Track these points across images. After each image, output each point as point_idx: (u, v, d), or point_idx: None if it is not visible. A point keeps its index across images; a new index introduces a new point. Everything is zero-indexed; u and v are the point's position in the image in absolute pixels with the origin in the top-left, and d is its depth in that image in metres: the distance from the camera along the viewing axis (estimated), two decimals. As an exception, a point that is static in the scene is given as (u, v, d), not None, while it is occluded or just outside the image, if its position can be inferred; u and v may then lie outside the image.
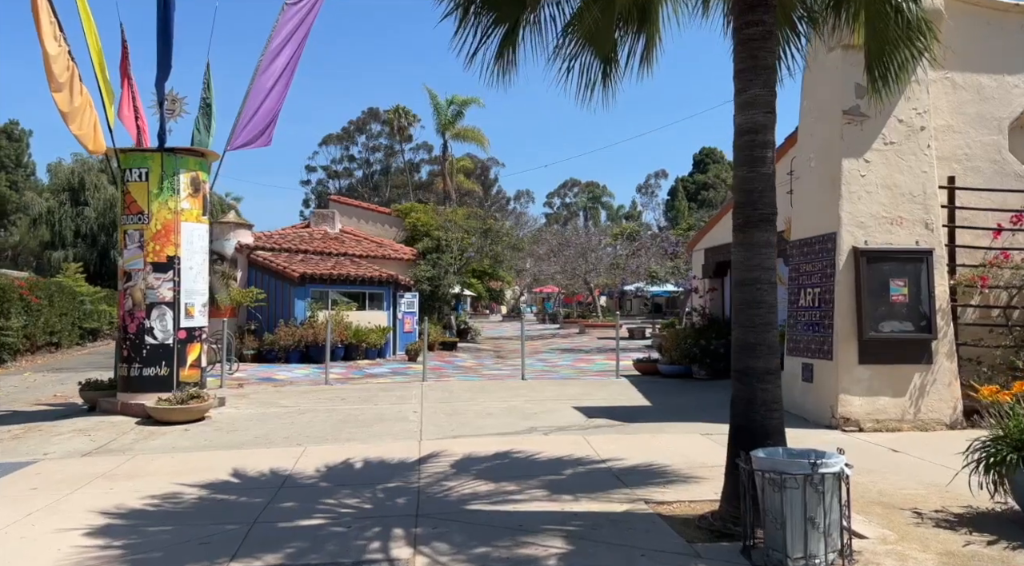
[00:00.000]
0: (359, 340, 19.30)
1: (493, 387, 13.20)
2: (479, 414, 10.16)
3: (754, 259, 5.27)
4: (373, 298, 20.96)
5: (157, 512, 5.77)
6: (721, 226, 14.09)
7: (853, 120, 8.98)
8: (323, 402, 11.44)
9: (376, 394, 12.27)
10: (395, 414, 10.24)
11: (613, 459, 7.31)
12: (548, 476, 6.73)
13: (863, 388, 8.74)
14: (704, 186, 78.16)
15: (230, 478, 6.85)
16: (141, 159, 10.17)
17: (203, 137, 11.21)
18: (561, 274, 35.54)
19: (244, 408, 10.79)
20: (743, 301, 5.29)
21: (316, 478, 6.83)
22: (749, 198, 5.30)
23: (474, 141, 36.69)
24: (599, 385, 13.38)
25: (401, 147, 74.27)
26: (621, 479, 6.58)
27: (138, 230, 10.15)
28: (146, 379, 10.04)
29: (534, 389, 12.77)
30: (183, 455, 7.88)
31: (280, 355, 18.33)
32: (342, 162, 76.99)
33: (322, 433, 8.95)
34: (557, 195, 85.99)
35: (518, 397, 11.78)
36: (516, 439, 8.41)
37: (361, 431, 9.06)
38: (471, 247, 25.90)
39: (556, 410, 10.40)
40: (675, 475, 6.70)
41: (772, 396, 5.20)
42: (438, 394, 12.18)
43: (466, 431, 8.95)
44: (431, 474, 6.88)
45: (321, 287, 19.63)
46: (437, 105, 36.19)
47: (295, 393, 12.58)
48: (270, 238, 21.31)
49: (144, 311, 10.10)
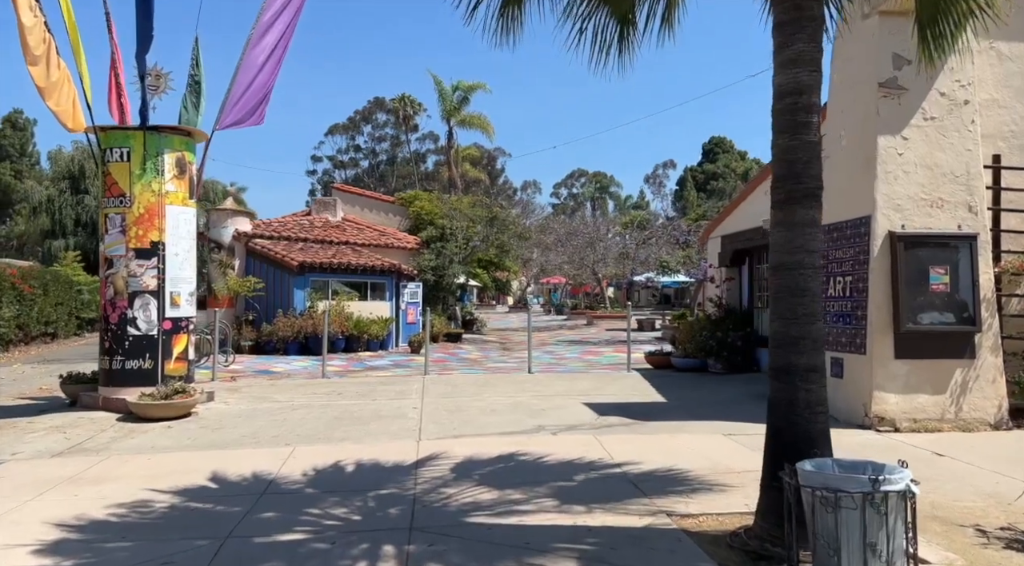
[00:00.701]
0: (360, 331, 18.69)
1: (498, 381, 12.56)
2: (483, 411, 9.52)
3: (797, 240, 4.59)
4: (375, 288, 20.33)
5: (120, 524, 5.15)
6: (740, 212, 13.37)
7: (890, 93, 8.25)
8: (319, 397, 10.82)
9: (375, 388, 11.64)
10: (394, 410, 9.61)
11: (629, 463, 6.66)
12: (558, 482, 6.09)
13: (899, 385, 8.05)
14: (713, 176, 77.25)
15: (208, 483, 6.23)
16: (122, 138, 9.52)
17: (191, 116, 10.56)
18: (569, 264, 34.80)
19: (234, 403, 10.18)
20: (783, 288, 4.62)
21: (302, 483, 6.21)
22: (791, 170, 4.62)
23: (480, 128, 35.92)
24: (610, 379, 12.72)
25: (407, 137, 73.66)
26: (639, 486, 5.93)
27: (119, 214, 9.52)
28: (129, 372, 9.43)
29: (541, 383, 12.12)
30: (161, 456, 7.26)
31: (279, 347, 17.74)
32: (348, 152, 76.50)
33: (314, 431, 8.32)
34: (564, 185, 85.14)
35: (525, 392, 11.14)
36: (522, 439, 7.77)
37: (356, 429, 8.43)
38: (476, 236, 25.22)
39: (565, 407, 9.75)
40: (699, 482, 6.04)
41: (817, 397, 4.53)
42: (440, 389, 11.55)
43: (468, 430, 8.32)
44: (429, 479, 6.24)
45: (321, 276, 19.01)
46: (442, 91, 35.41)
47: (290, 387, 11.97)
48: (269, 226, 20.69)
49: (126, 300, 9.48)
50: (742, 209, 13.25)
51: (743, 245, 13.10)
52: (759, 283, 13.37)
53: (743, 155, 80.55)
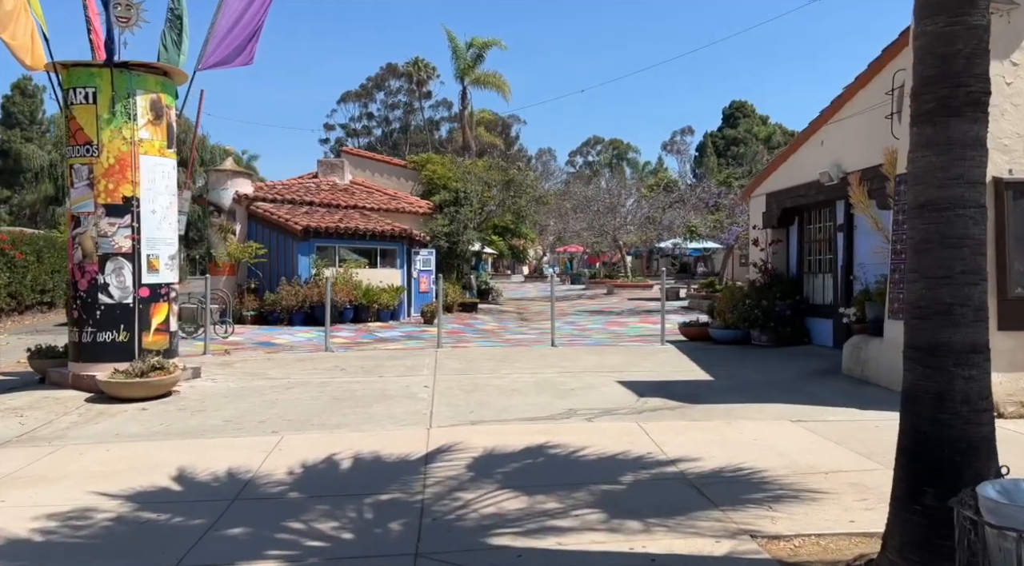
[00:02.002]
0: (370, 301, 17.52)
1: (519, 355, 11.35)
2: (504, 390, 8.31)
3: (953, 167, 3.26)
4: (385, 255, 19.11)
5: (41, 545, 4.01)
6: (789, 166, 11.94)
7: (999, 9, 6.79)
8: (319, 373, 9.66)
9: (382, 363, 10.47)
10: (402, 389, 8.43)
11: (685, 459, 5.43)
12: (601, 485, 4.88)
13: (1004, 362, 6.73)
14: (734, 141, 75.11)
15: (170, 484, 5.08)
16: (87, 76, 8.26)
17: (171, 54, 9.26)
18: (588, 231, 33.33)
19: (223, 380, 9.04)
20: (931, 236, 3.30)
21: (285, 485, 5.04)
22: (946, 67, 3.27)
23: (495, 88, 34.22)
24: (643, 353, 11.47)
25: (420, 104, 72.11)
26: (704, 493, 4.70)
27: (86, 164, 8.30)
28: (101, 346, 8.30)
29: (567, 358, 10.90)
30: (124, 446, 6.12)
31: (282, 317, 16.63)
32: (361, 120, 75.36)
33: (308, 415, 7.16)
34: (579, 153, 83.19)
35: (549, 368, 9.93)
36: (552, 426, 6.55)
37: (357, 413, 7.25)
38: (492, 200, 23.86)
39: (597, 386, 8.53)
40: (779, 487, 4.80)
41: (979, 388, 3.24)
42: (455, 364, 10.35)
43: (488, 414, 7.11)
44: (441, 480, 5.05)
45: (328, 242, 17.81)
46: (456, 47, 33.68)
47: (288, 361, 10.82)
48: (272, 188, 19.46)
49: (96, 264, 8.31)
50: (792, 162, 11.83)
51: (793, 203, 11.70)
52: (809, 246, 11.99)
53: (764, 120, 78.24)
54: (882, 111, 8.86)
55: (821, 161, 10.64)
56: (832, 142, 10.44)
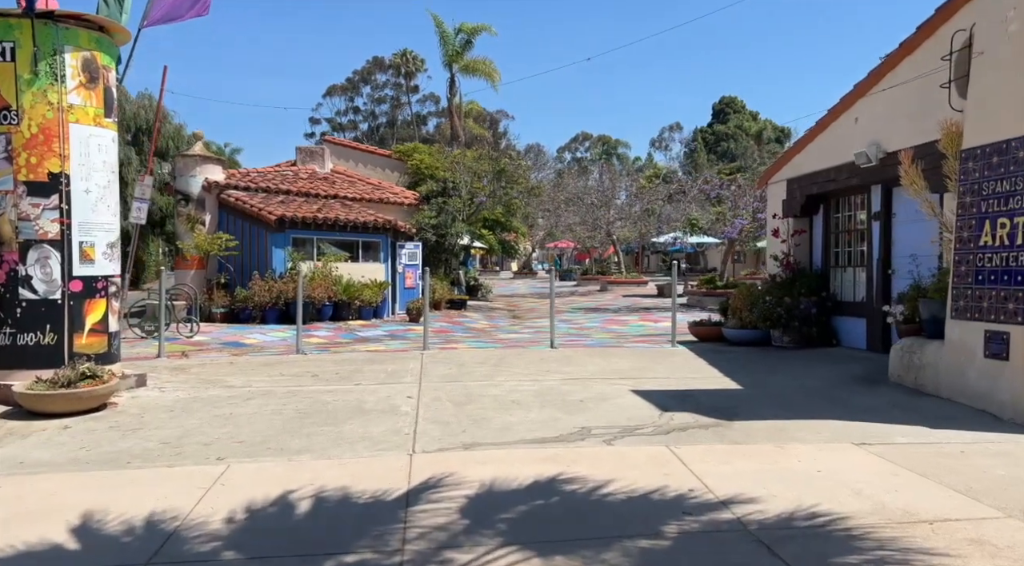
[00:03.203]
0: (351, 297, 16.24)
1: (515, 358, 10.12)
2: (501, 402, 7.08)
3: None
4: (368, 248, 17.82)
5: None
6: (815, 148, 10.78)
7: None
8: (286, 380, 8.40)
9: (361, 368, 9.21)
10: (381, 401, 7.18)
11: (739, 499, 4.24)
12: (638, 541, 3.68)
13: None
14: (724, 137, 74.45)
15: (67, 539, 3.82)
16: (4, 28, 6.92)
17: (112, 10, 7.96)
18: (581, 225, 32.09)
19: (172, 390, 7.76)
20: None
21: (220, 540, 3.79)
22: None
23: (484, 75, 32.81)
24: (654, 356, 10.28)
25: (408, 98, 71.09)
26: (778, 553, 3.51)
27: (4, 134, 6.97)
28: (22, 350, 6.99)
29: (570, 361, 9.69)
30: (22, 481, 4.84)
31: (255, 314, 15.31)
32: (347, 114, 74.41)
33: (266, 435, 5.90)
34: (568, 149, 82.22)
35: (551, 373, 8.72)
36: (564, 451, 5.34)
37: (325, 432, 6.00)
38: (482, 191, 22.60)
39: (610, 396, 7.32)
40: (876, 544, 3.62)
41: None
42: (443, 369, 9.12)
43: (484, 434, 5.89)
44: (426, 532, 3.83)
45: (305, 234, 16.50)
46: (443, 33, 32.25)
47: (253, 366, 9.53)
48: (246, 176, 18.11)
49: (16, 252, 6.99)
50: (818, 144, 10.66)
51: (819, 189, 10.53)
52: (837, 236, 10.84)
53: (755, 115, 77.67)
54: (936, 79, 7.70)
55: (855, 141, 9.48)
56: (869, 118, 9.28)
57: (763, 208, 22.96)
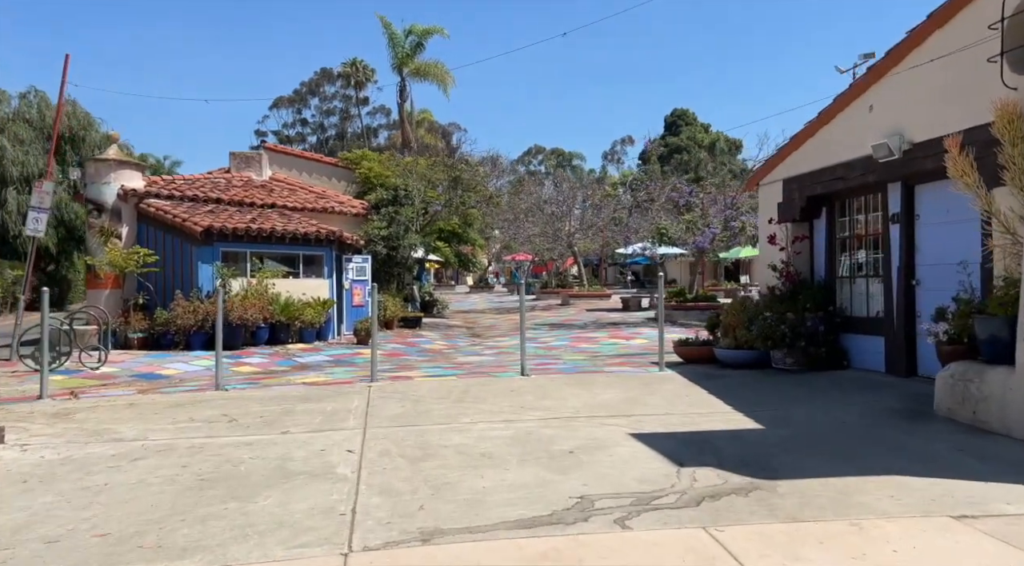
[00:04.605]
0: (290, 317, 14.46)
1: (482, 390, 8.54)
2: (469, 456, 5.50)
3: None
4: (310, 262, 16.04)
5: None
6: (817, 143, 9.53)
7: None
8: (194, 428, 6.66)
9: (292, 408, 7.52)
10: (312, 458, 5.53)
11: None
12: None
13: None
14: (677, 149, 74.57)
15: None
16: None
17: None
18: (541, 236, 30.67)
19: (39, 448, 5.96)
20: None
21: None
22: None
23: (436, 79, 31.16)
24: (641, 384, 8.82)
25: (358, 110, 69.53)
26: None
27: None
28: None
29: (547, 393, 8.16)
30: None
31: (178, 339, 13.41)
32: (294, 126, 72.66)
33: (142, 522, 4.21)
34: (521, 162, 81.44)
35: (526, 410, 7.18)
36: (563, 542, 3.79)
37: (228, 514, 4.33)
38: (437, 200, 21.00)
39: (604, 442, 5.81)
40: None
41: None
42: (394, 407, 7.49)
43: (450, 512, 4.30)
44: None
45: (237, 247, 14.65)
46: (392, 35, 30.52)
47: (158, 409, 7.74)
48: (170, 183, 16.18)
49: None
50: (821, 139, 9.42)
51: (823, 189, 9.28)
52: (844, 242, 9.59)
53: (706, 127, 78.06)
54: (981, 53, 6.48)
55: (870, 131, 8.25)
56: (889, 104, 8.06)
57: (736, 215, 22.00)
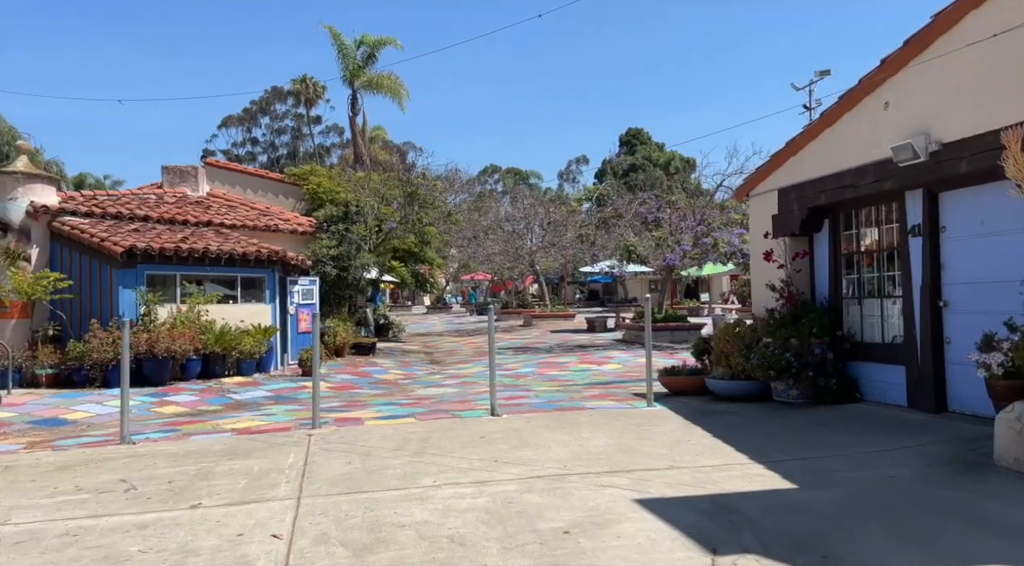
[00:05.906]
0: (226, 347, 12.89)
1: (444, 438, 7.19)
2: (433, 544, 4.17)
3: None
4: (250, 285, 14.50)
5: None
6: (817, 148, 8.52)
7: None
8: (79, 502, 5.18)
9: (211, 469, 6.07)
10: (224, 550, 4.13)
11: None
12: None
13: None
14: (633, 168, 74.68)
15: None
16: None
17: None
18: (501, 255, 29.44)
19: None
20: None
21: None
22: None
23: (390, 92, 29.79)
24: (632, 424, 7.59)
25: (310, 129, 68.10)
26: None
27: None
28: None
29: (524, 440, 6.87)
30: None
31: (94, 376, 11.72)
32: (244, 145, 70.90)
33: None
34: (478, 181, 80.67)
35: (502, 466, 5.87)
36: None
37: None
38: (392, 217, 19.63)
39: (607, 517, 4.55)
40: None
41: None
42: (338, 465, 6.10)
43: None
44: None
45: (164, 269, 13.05)
46: (343, 46, 29.08)
47: (40, 472, 6.19)
48: (90, 199, 14.48)
49: None
50: (826, 141, 8.41)
51: (828, 199, 8.27)
52: (852, 258, 8.58)
53: (661, 146, 78.52)
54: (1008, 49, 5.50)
55: (885, 131, 7.27)
56: (911, 100, 7.08)
57: (707, 232, 21.12)
